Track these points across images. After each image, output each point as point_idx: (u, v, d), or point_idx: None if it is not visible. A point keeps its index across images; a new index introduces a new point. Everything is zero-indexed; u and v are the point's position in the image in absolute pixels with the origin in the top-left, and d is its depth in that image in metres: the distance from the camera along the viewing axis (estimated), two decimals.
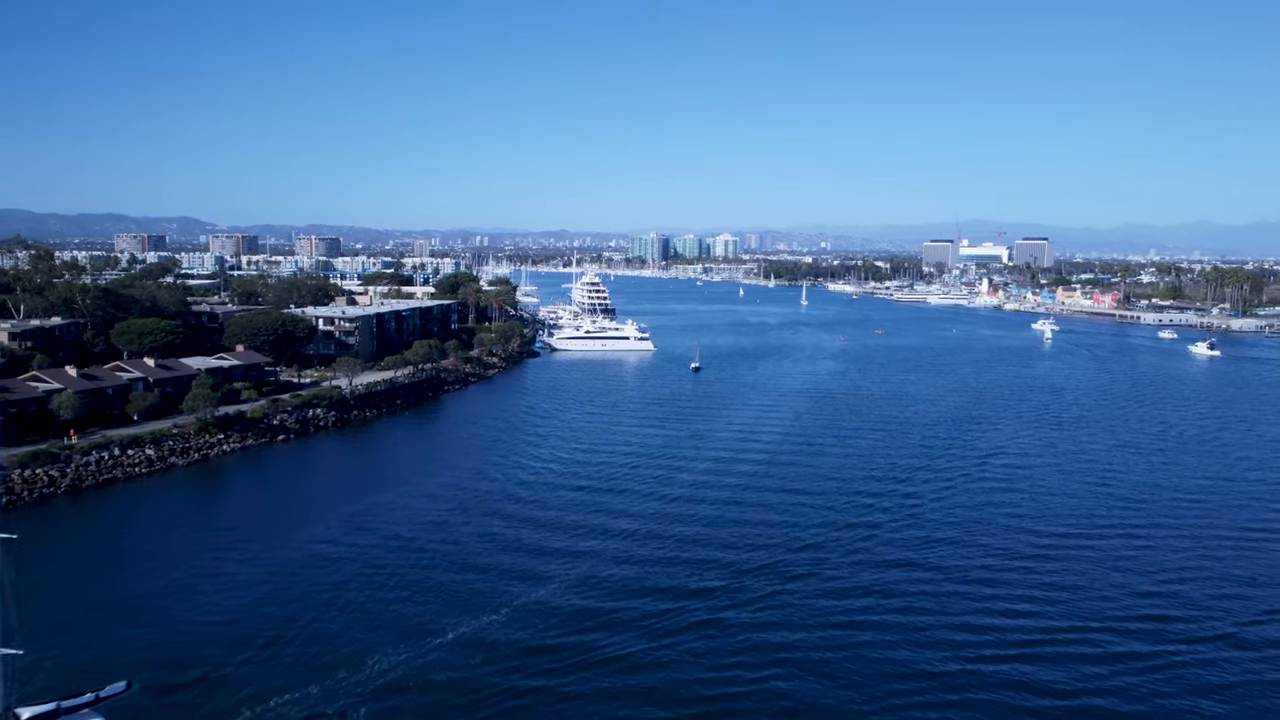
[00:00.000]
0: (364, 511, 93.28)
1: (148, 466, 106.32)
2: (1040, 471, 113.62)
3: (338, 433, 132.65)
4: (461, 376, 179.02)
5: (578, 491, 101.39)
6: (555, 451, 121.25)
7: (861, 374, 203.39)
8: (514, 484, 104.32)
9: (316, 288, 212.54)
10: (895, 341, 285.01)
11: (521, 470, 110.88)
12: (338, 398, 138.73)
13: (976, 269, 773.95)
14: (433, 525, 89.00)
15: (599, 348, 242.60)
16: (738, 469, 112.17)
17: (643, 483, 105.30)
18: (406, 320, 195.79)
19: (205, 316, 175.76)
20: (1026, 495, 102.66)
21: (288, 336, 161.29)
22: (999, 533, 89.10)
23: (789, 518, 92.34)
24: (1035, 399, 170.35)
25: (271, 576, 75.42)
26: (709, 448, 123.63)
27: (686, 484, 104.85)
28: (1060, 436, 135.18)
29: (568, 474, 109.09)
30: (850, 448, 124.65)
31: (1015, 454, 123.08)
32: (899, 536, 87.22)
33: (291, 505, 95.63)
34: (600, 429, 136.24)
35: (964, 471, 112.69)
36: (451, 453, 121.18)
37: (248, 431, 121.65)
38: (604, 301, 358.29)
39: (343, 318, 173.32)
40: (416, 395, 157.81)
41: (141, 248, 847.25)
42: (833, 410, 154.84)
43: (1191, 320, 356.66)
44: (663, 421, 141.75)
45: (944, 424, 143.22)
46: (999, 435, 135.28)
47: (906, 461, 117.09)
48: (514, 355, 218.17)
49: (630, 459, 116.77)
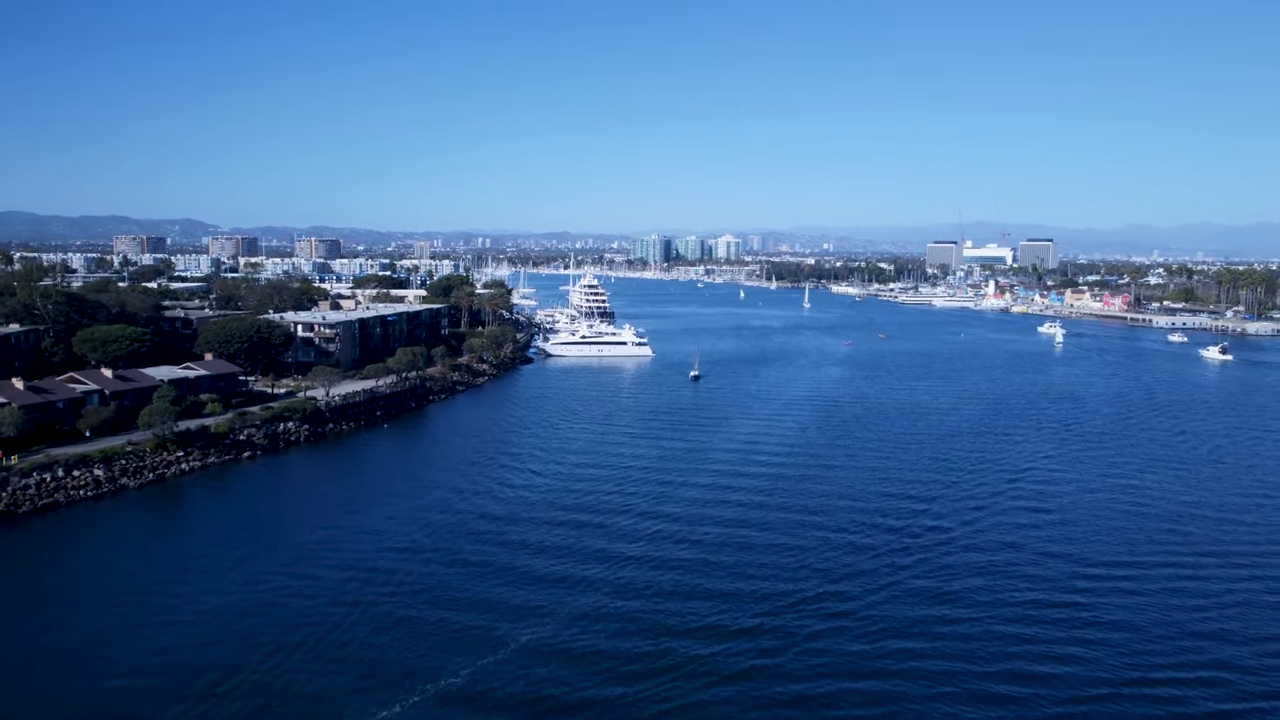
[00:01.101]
0: (328, 538, 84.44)
1: (95, 489, 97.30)
2: (1070, 493, 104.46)
3: (310, 448, 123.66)
4: (448, 385, 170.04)
5: (566, 515, 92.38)
6: (542, 469, 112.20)
7: (869, 381, 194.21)
8: (496, 506, 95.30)
9: (299, 291, 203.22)
10: (902, 346, 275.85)
11: (504, 490, 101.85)
12: (311, 410, 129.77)
13: (981, 270, 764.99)
14: (405, 553, 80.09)
15: (595, 353, 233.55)
16: (740, 489, 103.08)
17: (637, 506, 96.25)
18: (392, 326, 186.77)
19: (179, 322, 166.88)
20: (1058, 520, 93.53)
21: (263, 344, 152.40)
22: (1034, 563, 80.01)
23: (799, 544, 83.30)
24: (1054, 409, 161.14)
25: (218, 614, 66.97)
26: (708, 465, 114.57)
27: (685, 507, 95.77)
28: (1086, 452, 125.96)
29: (554, 495, 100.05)
30: (862, 465, 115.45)
31: (1042, 473, 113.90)
32: (926, 568, 78.07)
33: (248, 531, 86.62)
34: (591, 444, 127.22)
35: (989, 492, 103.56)
36: (430, 470, 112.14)
37: (210, 448, 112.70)
38: (602, 305, 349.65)
39: (323, 323, 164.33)
40: (399, 406, 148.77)
41: (140, 249, 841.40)
42: (840, 422, 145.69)
43: (1205, 323, 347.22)
44: (659, 436, 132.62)
45: (961, 437, 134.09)
46: (1021, 451, 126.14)
47: (925, 481, 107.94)
48: (506, 362, 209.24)
49: (623, 478, 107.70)
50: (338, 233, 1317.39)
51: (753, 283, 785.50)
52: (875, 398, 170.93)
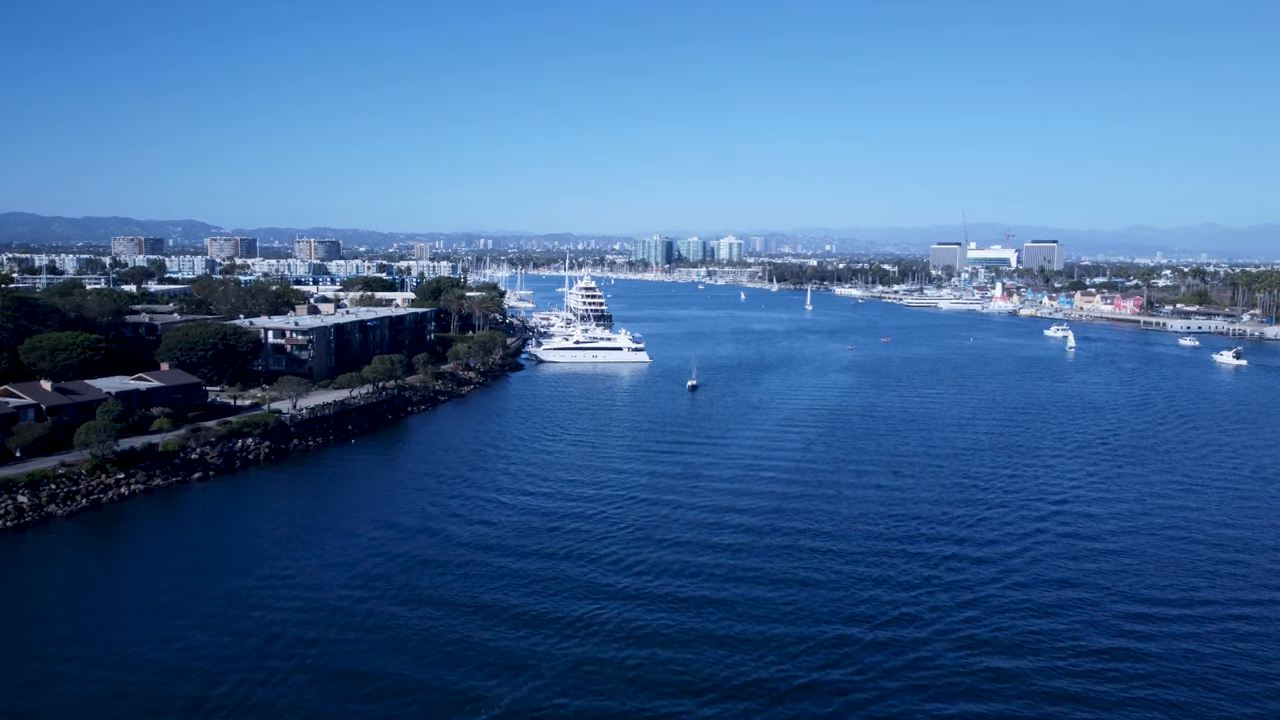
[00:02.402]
0: (272, 576, 74.08)
1: (17, 518, 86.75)
2: (1112, 520, 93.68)
3: (271, 467, 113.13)
4: (430, 395, 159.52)
5: (547, 545, 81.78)
6: (521, 491, 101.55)
7: (876, 391, 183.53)
8: (464, 534, 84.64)
9: (275, 295, 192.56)
10: (909, 351, 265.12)
11: (476, 518, 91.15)
12: (274, 425, 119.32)
13: (986, 272, 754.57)
14: (356, 591, 69.42)
15: (589, 359, 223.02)
16: (739, 515, 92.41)
17: (626, 534, 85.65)
18: (372, 331, 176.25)
19: (143, 328, 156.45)
20: (1103, 550, 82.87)
21: (229, 351, 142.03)
22: (1077, 610, 69.21)
23: (806, 590, 72.72)
24: (1077, 421, 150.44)
25: (127, 670, 56.58)
26: (705, 488, 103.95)
27: (678, 536, 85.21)
28: (1120, 471, 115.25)
29: (535, 522, 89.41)
30: (874, 489, 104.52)
31: (1077, 496, 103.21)
32: (960, 630, 66.67)
33: (177, 573, 75.94)
34: (578, 462, 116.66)
35: (1024, 517, 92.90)
36: (396, 492, 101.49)
37: (157, 469, 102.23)
38: (600, 308, 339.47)
39: (295, 329, 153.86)
40: (373, 419, 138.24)
41: (138, 250, 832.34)
42: (848, 436, 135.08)
43: (1221, 327, 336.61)
44: (653, 453, 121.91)
45: (982, 454, 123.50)
46: (1050, 470, 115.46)
47: (951, 505, 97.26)
48: (495, 369, 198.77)
49: (612, 501, 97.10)
50: (340, 234, 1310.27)
51: (755, 284, 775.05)
52: (884, 409, 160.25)
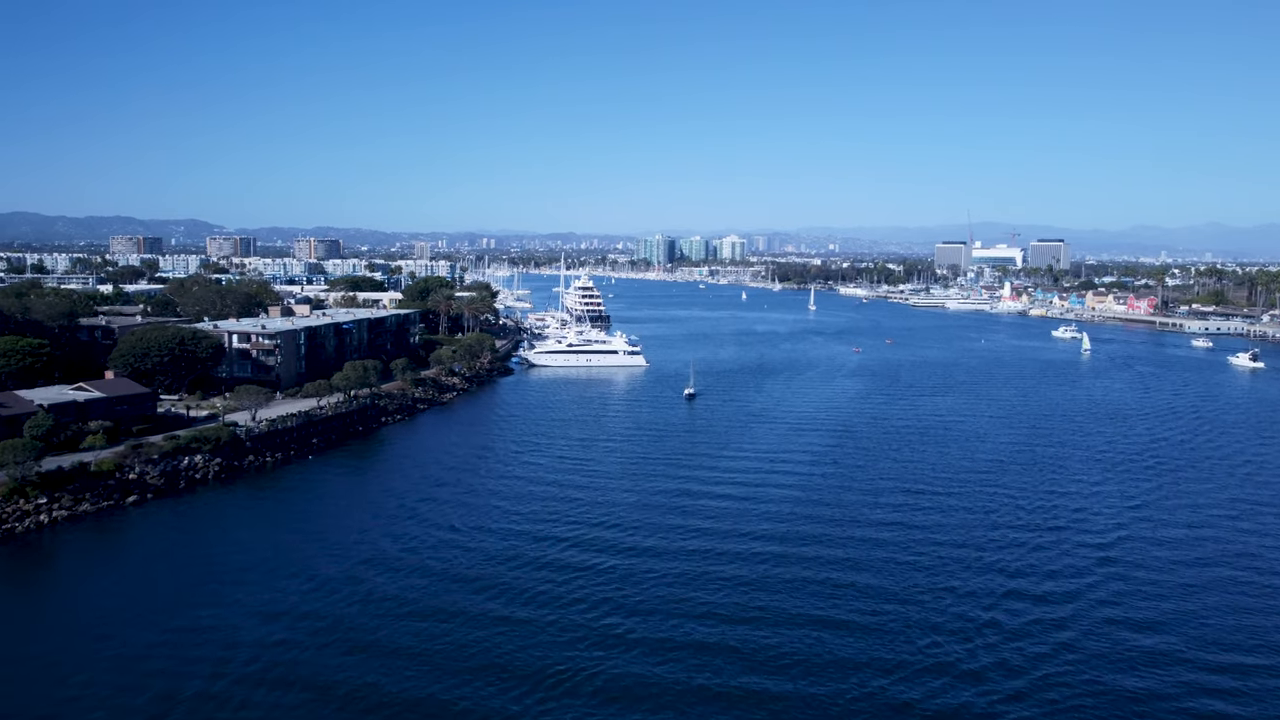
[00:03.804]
0: (152, 645, 61.09)
1: None
2: (1161, 548, 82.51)
3: (221, 487, 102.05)
4: (408, 404, 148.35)
5: (514, 582, 70.68)
6: (482, 529, 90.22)
7: (886, 398, 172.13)
8: (425, 565, 73.62)
9: (246, 296, 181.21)
10: (919, 354, 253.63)
11: (439, 550, 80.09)
12: (228, 439, 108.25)
13: (991, 271, 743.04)
14: (258, 672, 58.24)
15: (583, 363, 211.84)
16: (739, 551, 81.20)
17: (610, 573, 74.54)
18: (349, 335, 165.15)
19: (99, 332, 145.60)
20: (1172, 594, 71.61)
21: (186, 357, 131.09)
22: (1168, 668, 58.02)
23: (824, 653, 61.49)
24: (1104, 432, 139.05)
25: None
26: (700, 514, 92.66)
27: (670, 570, 74.11)
28: (1163, 495, 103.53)
29: (505, 554, 78.27)
30: (893, 519, 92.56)
31: (1118, 524, 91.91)
32: (1056, 678, 55.90)
33: (62, 633, 64.86)
34: (557, 483, 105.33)
35: (1071, 546, 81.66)
36: (350, 519, 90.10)
37: (87, 491, 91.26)
38: (598, 308, 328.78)
39: (261, 333, 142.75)
40: (342, 431, 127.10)
41: (136, 250, 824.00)
42: (860, 450, 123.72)
43: (1240, 328, 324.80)
44: (643, 473, 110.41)
45: (1010, 472, 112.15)
46: (1082, 490, 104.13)
47: (983, 538, 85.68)
48: (482, 373, 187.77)
49: (591, 534, 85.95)
50: (343, 233, 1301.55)
51: (757, 284, 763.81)
52: (896, 418, 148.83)
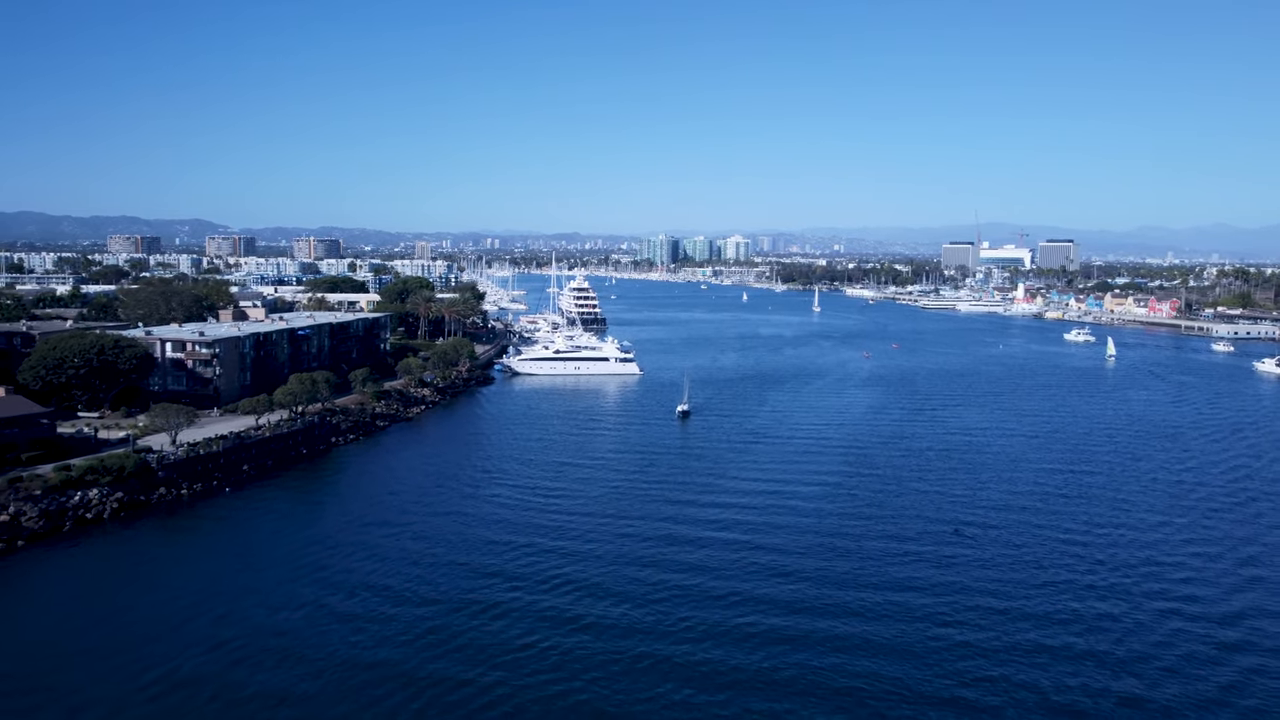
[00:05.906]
0: None
1: None
2: (1233, 598, 65.94)
3: (120, 527, 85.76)
4: (366, 420, 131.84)
5: (458, 655, 54.24)
6: (419, 578, 73.92)
7: (904, 412, 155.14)
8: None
9: (194, 298, 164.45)
10: (934, 361, 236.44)
11: (372, 608, 63.70)
12: (134, 468, 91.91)
13: (1000, 272, 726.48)
14: None
15: (570, 371, 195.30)
16: (729, 627, 64.61)
17: (549, 660, 58.07)
18: (307, 341, 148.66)
19: (19, 340, 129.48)
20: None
21: (107, 369, 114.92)
22: None
23: None
24: (1150, 454, 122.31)
25: None
26: (685, 569, 76.03)
27: (633, 653, 57.57)
28: (1230, 530, 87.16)
29: (411, 639, 61.85)
30: (924, 578, 75.93)
31: (1190, 577, 75.35)
32: None
33: None
34: (518, 525, 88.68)
35: (1158, 649, 65.12)
36: (264, 572, 73.82)
37: None
38: (593, 310, 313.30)
39: (199, 340, 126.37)
40: (280, 455, 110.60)
41: (135, 249, 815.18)
42: (877, 480, 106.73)
43: (1271, 332, 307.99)
44: (621, 512, 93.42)
45: (1054, 506, 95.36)
46: (1144, 527, 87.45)
47: (1036, 632, 69.25)
48: (459, 383, 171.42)
49: (541, 601, 69.47)
50: (346, 233, 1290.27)
51: (761, 284, 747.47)
52: (918, 438, 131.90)
